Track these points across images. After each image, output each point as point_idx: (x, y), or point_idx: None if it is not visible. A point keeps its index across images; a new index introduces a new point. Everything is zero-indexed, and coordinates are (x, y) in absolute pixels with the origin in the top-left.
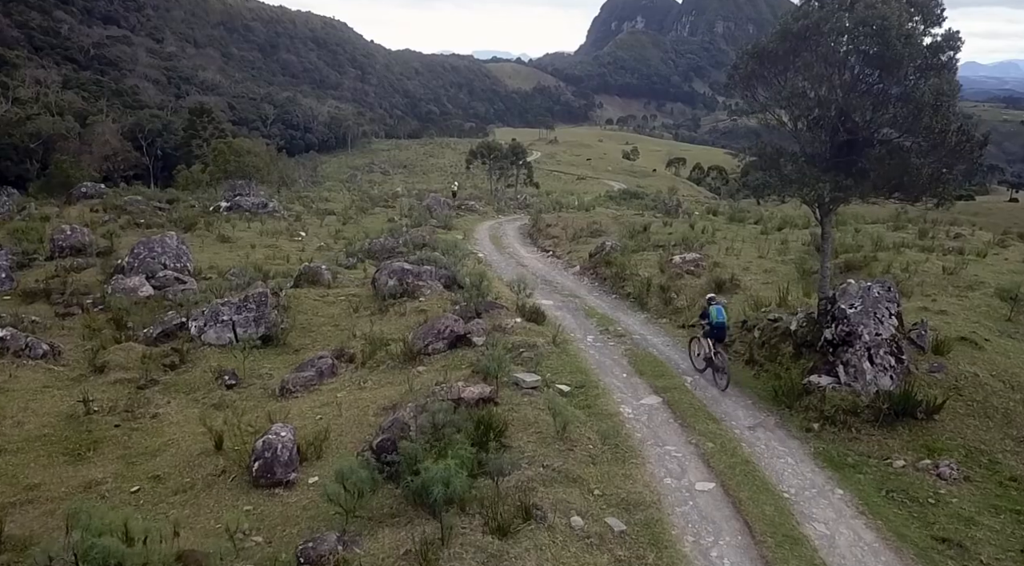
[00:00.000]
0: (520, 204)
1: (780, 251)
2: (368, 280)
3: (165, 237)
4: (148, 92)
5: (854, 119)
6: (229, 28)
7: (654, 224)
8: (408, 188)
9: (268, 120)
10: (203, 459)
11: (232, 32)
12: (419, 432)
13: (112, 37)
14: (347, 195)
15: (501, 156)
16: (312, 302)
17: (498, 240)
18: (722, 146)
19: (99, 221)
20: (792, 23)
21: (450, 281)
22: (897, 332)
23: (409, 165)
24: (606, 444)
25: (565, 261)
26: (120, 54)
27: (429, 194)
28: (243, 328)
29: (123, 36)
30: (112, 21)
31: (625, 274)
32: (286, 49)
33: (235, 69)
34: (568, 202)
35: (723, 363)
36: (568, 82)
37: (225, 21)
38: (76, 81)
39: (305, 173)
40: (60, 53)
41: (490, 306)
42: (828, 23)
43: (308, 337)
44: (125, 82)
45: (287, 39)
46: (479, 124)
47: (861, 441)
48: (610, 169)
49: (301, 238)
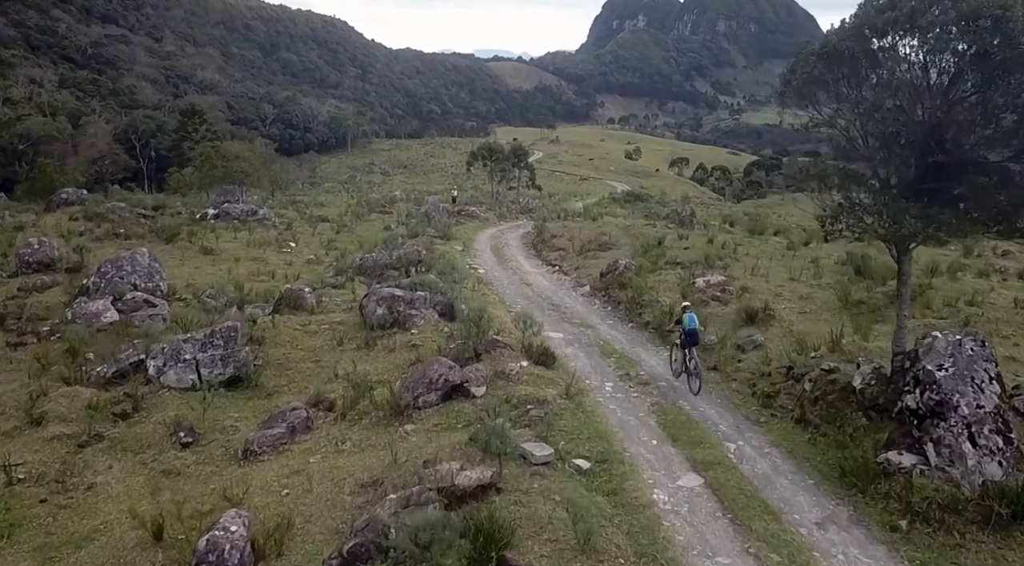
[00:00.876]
0: (522, 208)
1: (812, 271)
2: (356, 304)
3: (136, 254)
4: (145, 91)
5: (950, 136)
6: (229, 27)
7: (668, 237)
8: (407, 191)
9: (267, 120)
10: (138, 555)
11: (232, 31)
12: (400, 532)
13: (110, 36)
14: (345, 198)
15: (502, 158)
16: (292, 332)
17: (500, 251)
18: (724, 145)
19: (76, 231)
20: (875, 15)
21: (446, 309)
22: (1000, 401)
23: (410, 165)
24: (642, 558)
25: (573, 279)
26: (118, 53)
27: (428, 199)
28: (208, 368)
29: (121, 35)
30: (111, 20)
31: (642, 299)
32: (286, 48)
33: (235, 68)
34: (573, 209)
35: (696, 369)
36: (570, 81)
37: (225, 20)
38: (73, 80)
39: (303, 174)
40: (57, 52)
41: (491, 345)
42: (926, 15)
43: (284, 376)
44: (122, 81)
45: (287, 38)
46: (480, 123)
47: (968, 551)
48: (612, 169)
49: (290, 249)
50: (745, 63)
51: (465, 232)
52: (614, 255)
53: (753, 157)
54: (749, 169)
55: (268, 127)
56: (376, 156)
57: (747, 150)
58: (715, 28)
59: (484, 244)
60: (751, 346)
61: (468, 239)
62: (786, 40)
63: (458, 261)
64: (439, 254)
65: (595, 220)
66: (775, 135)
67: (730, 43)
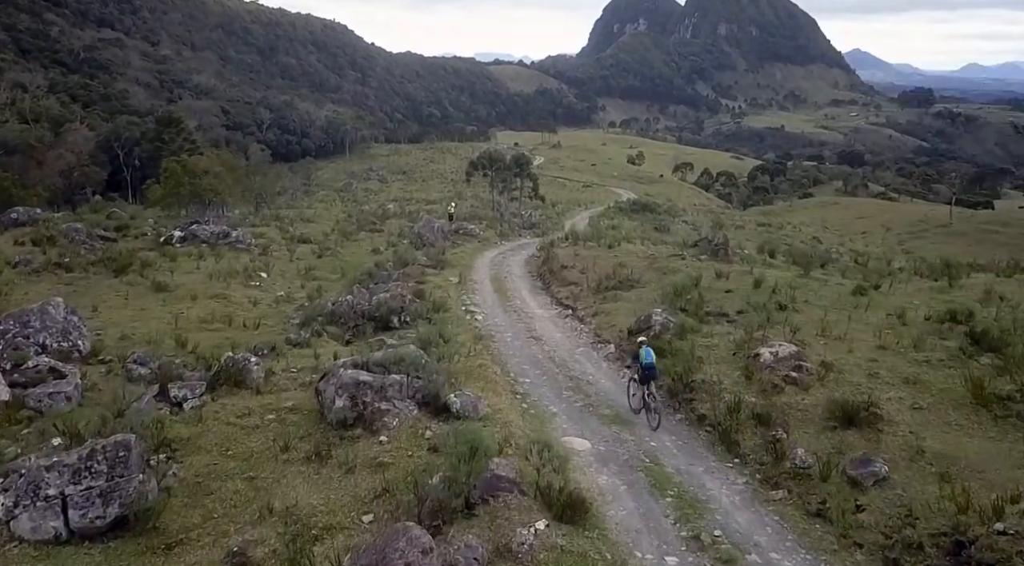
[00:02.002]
0: (525, 223)
1: (904, 334)
2: (317, 376)
3: (49, 305)
4: (139, 96)
5: None
6: (228, 31)
7: (705, 275)
8: (404, 201)
9: (264, 125)
10: None
11: (231, 35)
12: None
13: (104, 40)
14: (338, 209)
15: (504, 167)
16: (225, 427)
17: (501, 284)
18: (726, 149)
19: (12, 260)
20: None
21: (430, 397)
22: None
23: (409, 171)
24: None
25: (592, 330)
26: (111, 57)
27: (423, 216)
28: (82, 509)
29: (116, 39)
30: (106, 23)
31: (693, 380)
32: (285, 52)
33: (232, 72)
34: (586, 233)
35: (656, 404)
36: (570, 84)
37: (224, 24)
38: (64, 85)
39: (297, 182)
40: (49, 56)
41: (490, 487)
42: None
43: (200, 507)
44: (115, 86)
45: (286, 42)
46: (481, 127)
47: None
48: (615, 175)
49: (260, 282)
50: (746, 66)
51: (462, 257)
52: (639, 297)
53: (756, 161)
54: (754, 174)
55: (265, 132)
56: (375, 161)
57: (750, 154)
58: (716, 31)
59: (483, 273)
60: (871, 481)
61: (465, 266)
62: (787, 43)
63: (451, 304)
64: (431, 291)
65: (611, 248)
66: (777, 138)
67: (731, 46)
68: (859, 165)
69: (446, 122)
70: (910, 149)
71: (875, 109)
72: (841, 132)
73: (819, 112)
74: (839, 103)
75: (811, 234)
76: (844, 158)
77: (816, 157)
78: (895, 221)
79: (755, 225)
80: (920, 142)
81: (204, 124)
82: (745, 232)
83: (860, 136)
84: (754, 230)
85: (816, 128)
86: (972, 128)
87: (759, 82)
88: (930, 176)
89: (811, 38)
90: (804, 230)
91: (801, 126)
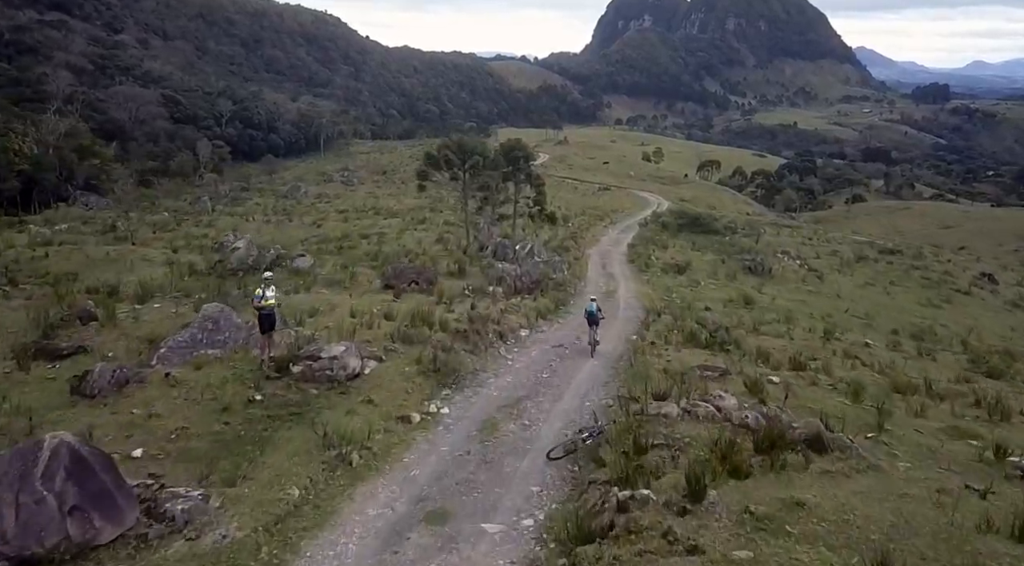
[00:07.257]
0: (526, 282)
1: None
2: None
3: None
4: (60, 82)
5: None
6: (208, 21)
7: None
8: (361, 217)
9: (223, 118)
10: None
11: (212, 25)
12: None
13: (43, 21)
14: (199, 257)
15: (485, 164)
16: None
17: None
18: (739, 146)
19: None
20: None
21: None
22: None
23: (389, 171)
24: None
25: None
26: (43, 38)
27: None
28: None
29: (59, 21)
30: (60, 7)
31: None
32: (272, 44)
33: (209, 63)
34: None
35: (592, 339)
36: (575, 81)
37: (204, 13)
38: None
39: (236, 185)
40: None
41: None
42: None
43: None
44: (34, 70)
45: (272, 33)
46: (481, 124)
47: None
48: (633, 175)
49: None
50: (755, 62)
51: None
52: None
53: (779, 160)
54: (781, 173)
55: (224, 127)
56: (352, 160)
57: (763, 151)
58: (724, 26)
59: None
60: None
61: None
62: (797, 38)
63: None
64: None
65: None
66: (790, 136)
67: (740, 42)
68: (888, 163)
69: (444, 119)
70: (928, 146)
71: (889, 105)
72: (855, 129)
73: (831, 109)
74: (851, 99)
75: (917, 262)
76: (869, 155)
77: (837, 155)
78: (995, 232)
79: (848, 247)
80: (936, 139)
81: (140, 115)
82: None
83: (875, 133)
84: (861, 263)
85: (830, 125)
86: (990, 125)
87: (768, 78)
88: (970, 175)
89: (821, 33)
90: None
91: (814, 123)
